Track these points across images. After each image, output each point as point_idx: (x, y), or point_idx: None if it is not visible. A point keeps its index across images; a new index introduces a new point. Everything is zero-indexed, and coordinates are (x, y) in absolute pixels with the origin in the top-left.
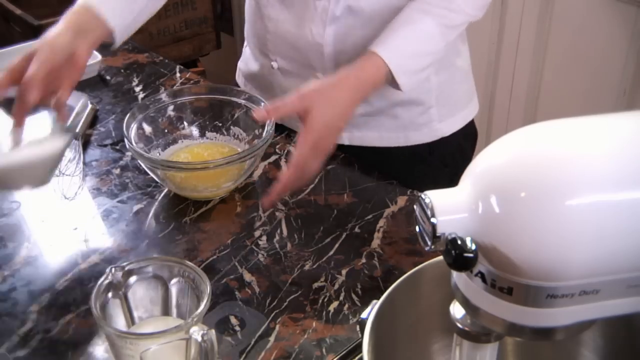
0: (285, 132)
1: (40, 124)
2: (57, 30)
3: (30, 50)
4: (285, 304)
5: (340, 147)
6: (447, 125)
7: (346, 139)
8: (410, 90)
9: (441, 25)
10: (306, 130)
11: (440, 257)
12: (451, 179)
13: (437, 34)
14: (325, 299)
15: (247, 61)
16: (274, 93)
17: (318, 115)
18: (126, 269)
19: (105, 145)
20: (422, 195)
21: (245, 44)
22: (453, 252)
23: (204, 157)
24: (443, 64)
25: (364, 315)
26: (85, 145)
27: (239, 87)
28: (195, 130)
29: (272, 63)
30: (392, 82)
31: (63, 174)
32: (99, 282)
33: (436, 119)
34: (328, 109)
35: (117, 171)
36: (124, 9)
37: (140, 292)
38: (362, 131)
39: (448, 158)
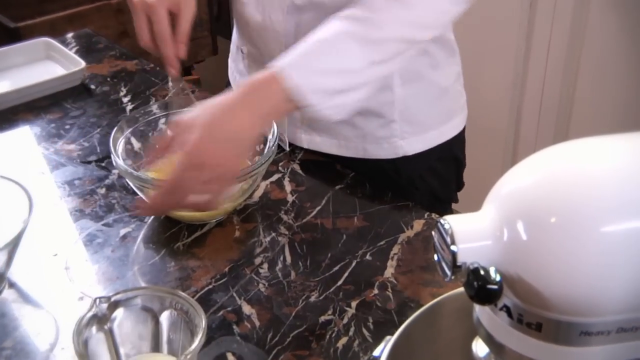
0: (289, 148)
1: None
2: None
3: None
4: (289, 339)
5: (298, 150)
6: (410, 144)
7: (305, 142)
8: (335, 115)
9: (360, 40)
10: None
11: (461, 289)
12: (430, 205)
13: (356, 50)
14: (333, 335)
15: (233, 42)
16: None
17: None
18: (112, 300)
19: (90, 162)
20: (442, 220)
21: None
22: (475, 283)
23: None
24: (410, 76)
25: (376, 352)
26: (68, 162)
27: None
28: None
29: (242, 47)
30: (303, 103)
31: None
32: (82, 315)
33: (398, 135)
34: (213, 142)
35: (103, 191)
36: None
37: (128, 326)
38: (321, 136)
39: (417, 180)
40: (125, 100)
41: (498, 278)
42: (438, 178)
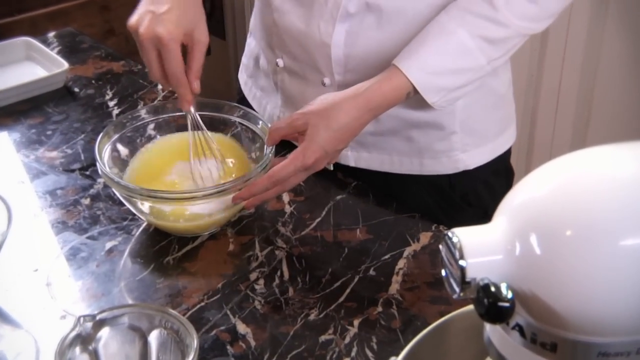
0: (287, 154)
1: None
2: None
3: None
4: None
5: (343, 169)
6: (471, 157)
7: (352, 159)
8: (447, 106)
9: (479, 38)
10: (300, 151)
11: (471, 306)
12: (478, 221)
13: (474, 48)
14: (334, 355)
15: (252, 55)
16: (277, 96)
17: (315, 137)
18: (97, 318)
19: (73, 171)
20: (449, 233)
21: (249, 34)
22: (485, 300)
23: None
24: None
25: None
26: (49, 171)
27: (231, 100)
28: None
29: (277, 60)
30: (420, 98)
31: None
32: (64, 334)
33: (458, 148)
34: (327, 132)
35: (87, 201)
36: None
37: (114, 347)
38: (371, 152)
39: (472, 196)
40: (111, 104)
41: (510, 295)
42: (492, 193)
